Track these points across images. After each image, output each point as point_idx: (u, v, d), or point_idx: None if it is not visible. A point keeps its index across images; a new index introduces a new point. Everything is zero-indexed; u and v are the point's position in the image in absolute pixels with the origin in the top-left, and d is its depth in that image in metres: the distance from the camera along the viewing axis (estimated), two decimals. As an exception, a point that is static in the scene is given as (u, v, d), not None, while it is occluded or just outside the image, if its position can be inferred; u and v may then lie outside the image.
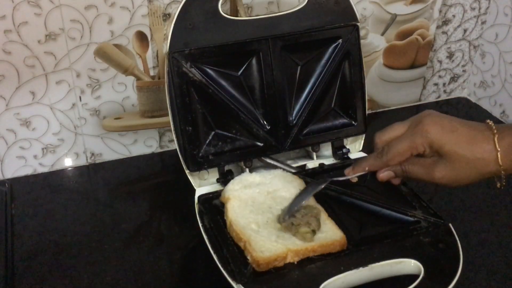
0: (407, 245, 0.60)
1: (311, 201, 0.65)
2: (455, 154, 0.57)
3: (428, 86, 1.10)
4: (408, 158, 0.63)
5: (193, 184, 0.72)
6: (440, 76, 1.10)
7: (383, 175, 0.65)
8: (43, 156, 0.87)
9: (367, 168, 0.66)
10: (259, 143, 0.73)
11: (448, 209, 0.79)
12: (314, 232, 0.60)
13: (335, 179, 0.68)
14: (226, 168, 0.73)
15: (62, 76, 0.81)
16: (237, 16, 0.75)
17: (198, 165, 0.70)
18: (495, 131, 0.56)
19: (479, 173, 0.57)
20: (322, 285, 0.55)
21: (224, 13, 0.68)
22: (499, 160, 0.55)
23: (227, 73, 0.71)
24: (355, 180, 0.69)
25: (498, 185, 0.58)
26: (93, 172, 0.90)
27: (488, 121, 0.57)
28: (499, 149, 0.55)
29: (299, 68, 0.74)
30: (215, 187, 0.72)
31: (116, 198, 0.84)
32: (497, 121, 0.88)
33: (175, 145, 0.70)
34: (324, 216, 0.63)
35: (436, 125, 0.58)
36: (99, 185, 0.88)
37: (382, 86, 1.05)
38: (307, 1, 0.72)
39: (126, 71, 0.84)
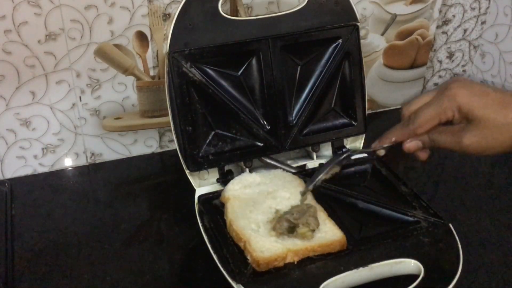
0: (407, 245, 0.60)
1: (310, 200, 0.66)
2: (486, 118, 0.53)
3: (428, 86, 1.10)
4: (435, 126, 0.59)
5: (193, 184, 0.72)
6: (440, 76, 1.10)
7: (410, 145, 0.61)
8: (43, 156, 0.87)
9: (393, 139, 0.62)
10: (259, 143, 0.73)
11: (448, 209, 0.79)
12: (313, 231, 0.60)
13: (359, 150, 0.64)
14: (226, 168, 0.73)
15: (62, 76, 0.81)
16: (237, 16, 0.75)
17: (198, 165, 0.70)
18: None
19: (511, 139, 0.53)
20: (322, 285, 0.55)
21: (224, 13, 0.68)
22: None
23: (227, 73, 0.71)
24: (382, 153, 0.64)
25: None
26: (93, 172, 0.90)
27: None
28: None
29: (299, 68, 0.75)
30: (215, 187, 0.72)
31: (116, 198, 0.84)
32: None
33: (175, 145, 0.70)
34: (323, 216, 0.63)
35: (465, 89, 0.54)
36: (99, 185, 0.88)
37: (382, 86, 1.05)
38: (307, 1, 0.72)
39: (126, 71, 0.84)
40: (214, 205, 0.68)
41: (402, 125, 0.62)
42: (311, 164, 0.78)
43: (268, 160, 0.76)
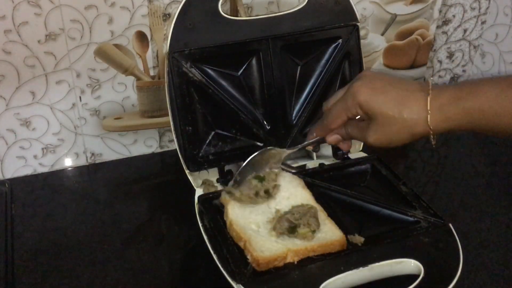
0: (407, 245, 0.60)
1: (310, 200, 0.66)
2: (383, 116, 0.56)
3: (428, 86, 1.10)
4: (345, 121, 0.62)
5: (193, 184, 0.72)
6: (440, 76, 1.10)
7: (331, 139, 0.66)
8: (43, 156, 0.87)
9: (314, 134, 0.67)
10: (259, 143, 0.73)
11: (448, 209, 0.79)
12: (314, 231, 0.60)
13: (289, 149, 0.69)
14: (226, 168, 0.73)
15: (62, 76, 0.81)
16: (237, 16, 0.75)
17: (198, 165, 0.70)
18: (430, 92, 0.55)
19: (410, 134, 0.56)
20: (322, 285, 0.55)
21: (224, 13, 0.68)
22: (428, 121, 0.54)
23: (227, 73, 0.71)
24: (311, 148, 0.70)
25: (433, 144, 0.57)
26: (93, 172, 0.90)
27: (429, 80, 0.57)
28: (429, 110, 0.54)
29: (299, 68, 0.75)
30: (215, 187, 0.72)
31: (116, 198, 0.84)
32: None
33: (175, 145, 0.70)
34: (323, 216, 0.63)
35: (366, 87, 0.57)
36: (99, 185, 0.88)
37: (382, 86, 1.05)
38: (307, 1, 0.72)
39: (126, 71, 0.84)
40: (214, 205, 0.68)
41: (320, 121, 0.66)
42: (311, 164, 0.78)
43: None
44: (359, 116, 0.61)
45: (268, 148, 0.68)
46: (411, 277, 0.56)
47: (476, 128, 0.54)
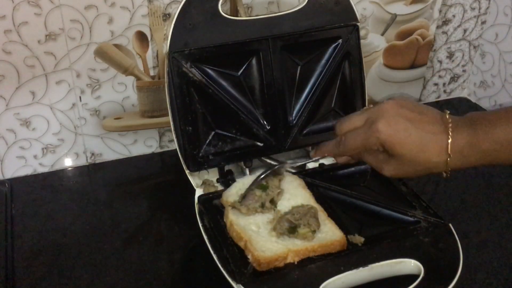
0: (407, 245, 0.60)
1: (310, 200, 0.66)
2: (405, 158, 0.57)
3: (428, 86, 1.10)
4: (362, 151, 0.62)
5: (193, 184, 0.72)
6: (440, 76, 1.10)
7: (341, 160, 0.66)
8: (43, 156, 0.87)
9: (326, 154, 0.67)
10: (259, 143, 0.73)
11: (448, 209, 0.79)
12: (314, 231, 0.60)
13: (290, 162, 0.70)
14: (226, 168, 0.73)
15: (62, 76, 0.81)
16: (237, 16, 0.75)
17: (198, 165, 0.70)
18: (450, 132, 0.55)
19: (427, 172, 0.58)
20: (322, 285, 0.55)
21: (224, 13, 0.68)
22: (448, 164, 0.56)
23: (227, 73, 0.71)
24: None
25: (444, 176, 0.58)
26: (93, 172, 0.90)
27: (447, 115, 0.57)
28: (450, 154, 0.55)
29: (299, 68, 0.74)
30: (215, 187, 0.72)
31: (116, 198, 0.84)
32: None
33: (175, 145, 0.70)
34: (323, 216, 0.63)
35: (389, 127, 0.57)
36: (99, 185, 0.88)
37: (382, 86, 1.05)
38: (307, 1, 0.72)
39: (126, 71, 0.84)
40: (214, 205, 0.68)
41: (334, 144, 0.64)
42: (311, 164, 0.78)
43: (268, 160, 0.76)
44: None
45: (278, 166, 0.68)
46: (411, 277, 0.56)
47: (493, 165, 0.56)
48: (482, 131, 0.54)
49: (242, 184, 0.68)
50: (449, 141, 0.55)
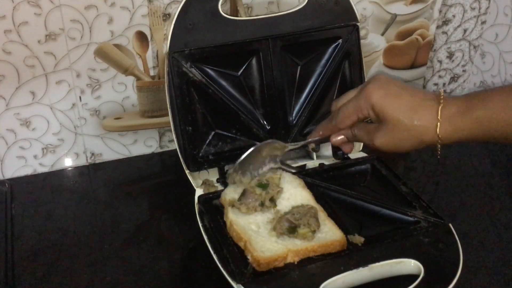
0: (407, 245, 0.60)
1: (310, 200, 0.65)
2: (394, 120, 0.56)
3: (428, 86, 1.10)
4: (355, 122, 0.62)
5: (193, 184, 0.72)
6: (440, 76, 1.10)
7: (336, 139, 0.65)
8: (43, 156, 0.87)
9: (321, 132, 0.66)
10: (259, 143, 0.72)
11: (448, 209, 0.79)
12: (314, 231, 0.60)
13: (291, 144, 0.68)
14: (226, 168, 0.73)
15: (62, 76, 0.81)
16: (237, 16, 0.75)
17: (198, 165, 0.70)
18: (441, 101, 0.55)
19: (418, 141, 0.56)
20: (322, 285, 0.55)
21: (224, 13, 0.68)
22: (437, 129, 0.54)
23: (227, 73, 0.71)
24: (312, 146, 0.70)
25: (438, 150, 0.57)
26: (93, 172, 0.90)
27: (441, 90, 0.56)
28: (440, 118, 0.54)
29: (299, 68, 0.75)
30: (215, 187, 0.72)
31: (116, 198, 0.84)
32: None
33: (175, 145, 0.70)
34: (323, 216, 0.63)
35: (381, 89, 0.57)
36: (99, 185, 0.87)
37: (382, 86, 1.05)
38: (307, 1, 0.72)
39: (126, 71, 0.84)
40: (214, 205, 0.68)
41: (328, 120, 0.65)
42: (311, 164, 0.78)
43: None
44: (368, 119, 0.61)
45: (271, 140, 0.67)
46: (411, 277, 0.56)
47: (486, 138, 0.54)
48: (477, 99, 0.54)
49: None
50: (440, 106, 0.54)
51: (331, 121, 0.65)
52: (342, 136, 0.64)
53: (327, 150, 0.79)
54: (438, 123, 0.54)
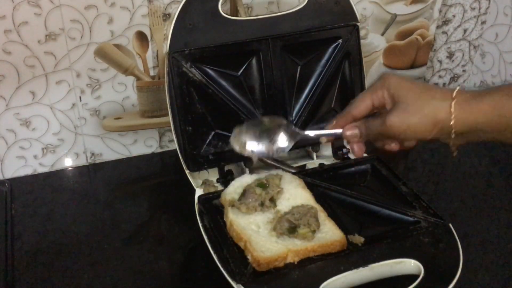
0: (407, 245, 0.60)
1: (310, 200, 0.65)
2: (409, 100, 0.55)
3: (428, 86, 1.09)
4: (371, 109, 0.60)
5: (193, 184, 0.72)
6: (440, 76, 1.10)
7: (349, 132, 0.61)
8: (43, 156, 0.87)
9: (335, 122, 0.63)
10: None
11: (448, 209, 0.79)
12: (314, 231, 0.60)
13: (306, 132, 0.64)
14: (226, 168, 0.73)
15: (62, 76, 0.81)
16: (237, 16, 0.75)
17: (198, 165, 0.70)
18: (457, 88, 0.55)
19: (431, 121, 0.54)
20: (322, 285, 0.55)
21: (224, 13, 0.68)
22: (452, 107, 0.53)
23: (227, 73, 0.71)
24: (324, 140, 0.65)
25: (454, 154, 0.56)
26: (93, 172, 0.90)
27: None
28: (454, 96, 0.53)
29: (299, 68, 0.75)
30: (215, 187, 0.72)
31: (116, 198, 0.84)
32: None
33: (175, 145, 0.70)
34: (323, 216, 0.63)
35: (396, 77, 0.58)
36: (99, 185, 0.88)
37: (382, 86, 1.05)
38: (307, 1, 0.72)
39: (126, 71, 0.84)
40: (214, 205, 0.68)
41: (343, 112, 0.63)
42: (311, 164, 0.77)
43: (268, 160, 0.76)
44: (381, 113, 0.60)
45: (284, 122, 0.64)
46: (411, 277, 0.56)
47: (503, 125, 0.52)
48: (491, 88, 0.53)
49: (240, 182, 0.68)
50: (456, 90, 0.54)
51: (345, 111, 0.62)
52: (356, 131, 0.61)
53: (327, 150, 0.79)
54: (453, 102, 0.53)
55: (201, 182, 0.72)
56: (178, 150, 0.70)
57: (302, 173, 0.74)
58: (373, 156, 0.76)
